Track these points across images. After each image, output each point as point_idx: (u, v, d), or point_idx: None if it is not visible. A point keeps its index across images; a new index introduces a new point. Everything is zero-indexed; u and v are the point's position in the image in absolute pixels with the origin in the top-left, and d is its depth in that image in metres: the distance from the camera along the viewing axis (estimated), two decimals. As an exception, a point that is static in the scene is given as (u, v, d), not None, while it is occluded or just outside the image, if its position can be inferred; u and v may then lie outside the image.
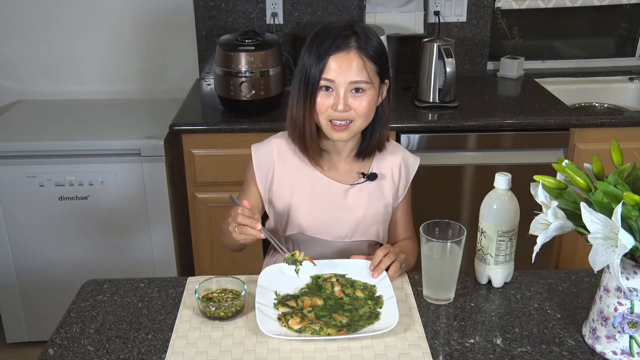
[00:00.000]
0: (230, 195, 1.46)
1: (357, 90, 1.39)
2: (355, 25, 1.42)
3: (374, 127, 1.49)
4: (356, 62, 1.38)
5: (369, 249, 1.56)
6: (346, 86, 1.38)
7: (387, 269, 1.37)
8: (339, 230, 1.52)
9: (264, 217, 1.58)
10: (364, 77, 1.38)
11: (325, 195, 1.51)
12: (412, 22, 2.67)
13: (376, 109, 1.46)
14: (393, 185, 1.55)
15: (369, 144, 1.50)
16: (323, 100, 1.40)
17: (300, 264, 1.36)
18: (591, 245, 1.03)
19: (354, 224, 1.52)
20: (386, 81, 1.46)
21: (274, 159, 1.52)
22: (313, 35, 1.42)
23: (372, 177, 1.53)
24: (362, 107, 1.40)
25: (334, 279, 1.34)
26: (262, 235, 1.31)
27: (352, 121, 1.41)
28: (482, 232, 1.33)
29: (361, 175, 1.53)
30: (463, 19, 2.74)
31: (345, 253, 1.52)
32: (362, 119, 1.42)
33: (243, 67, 2.25)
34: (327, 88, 1.39)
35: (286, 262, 1.36)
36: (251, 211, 1.32)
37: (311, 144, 1.46)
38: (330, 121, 1.41)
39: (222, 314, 1.24)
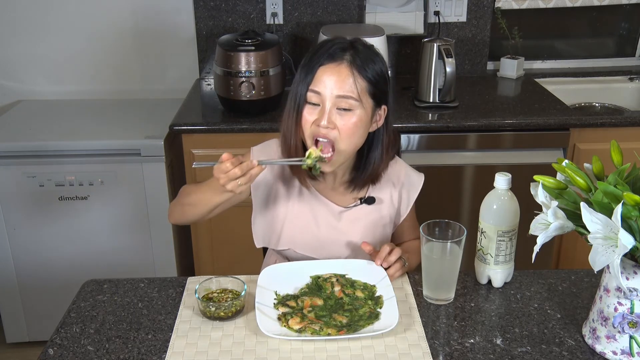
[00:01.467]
0: (193, 164, 1.31)
1: (345, 108, 1.30)
2: (357, 42, 1.34)
3: (368, 158, 1.40)
4: (346, 75, 1.29)
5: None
6: (333, 100, 1.30)
7: (387, 268, 1.36)
8: (329, 252, 1.46)
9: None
10: (352, 93, 1.29)
11: (320, 214, 1.46)
12: (412, 22, 2.67)
13: (371, 135, 1.38)
14: (392, 208, 1.49)
15: (362, 174, 1.41)
16: (309, 114, 1.32)
17: (321, 157, 1.29)
18: (591, 245, 1.03)
19: (350, 247, 1.47)
20: (383, 107, 1.37)
21: (273, 167, 1.46)
22: (312, 48, 1.36)
23: (369, 201, 1.46)
24: (347, 126, 1.30)
25: (334, 279, 1.34)
26: (264, 166, 1.24)
27: (334, 144, 1.31)
28: (482, 232, 1.33)
29: (357, 200, 1.46)
30: (463, 19, 2.74)
31: None
32: (347, 140, 1.31)
33: (243, 67, 2.25)
34: (314, 103, 1.31)
35: (306, 167, 1.29)
36: (236, 159, 1.23)
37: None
38: (315, 141, 1.32)
39: (222, 314, 1.24)
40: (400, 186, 1.50)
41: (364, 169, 1.41)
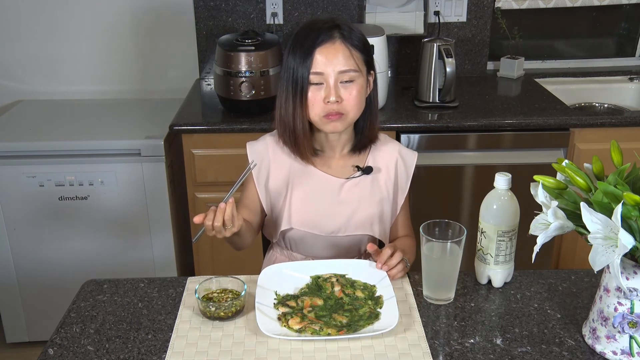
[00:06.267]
0: (193, 240, 1.38)
1: (347, 80, 1.39)
2: (336, 19, 1.43)
3: (365, 119, 1.49)
4: (342, 51, 1.38)
5: (368, 243, 1.54)
6: (335, 76, 1.39)
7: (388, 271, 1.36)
8: (331, 225, 1.51)
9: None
10: (351, 65, 1.39)
11: (320, 190, 1.51)
12: (412, 22, 2.67)
13: (367, 100, 1.47)
14: (389, 180, 1.54)
15: (362, 136, 1.51)
16: (314, 95, 1.40)
17: None
18: (591, 245, 1.03)
19: (346, 218, 1.51)
20: (372, 72, 1.47)
21: (269, 156, 1.52)
22: (295, 36, 1.43)
23: (367, 170, 1.52)
24: (352, 97, 1.40)
25: (334, 279, 1.34)
26: (231, 200, 1.27)
27: (344, 114, 1.41)
28: (482, 232, 1.33)
29: (356, 169, 1.52)
30: (463, 19, 2.74)
31: (341, 248, 1.52)
32: (354, 109, 1.42)
33: (243, 67, 2.25)
34: (317, 83, 1.39)
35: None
36: (210, 212, 1.28)
37: (303, 140, 1.45)
38: (324, 116, 1.41)
39: (222, 314, 1.24)
40: (395, 160, 1.56)
41: (363, 131, 1.50)
